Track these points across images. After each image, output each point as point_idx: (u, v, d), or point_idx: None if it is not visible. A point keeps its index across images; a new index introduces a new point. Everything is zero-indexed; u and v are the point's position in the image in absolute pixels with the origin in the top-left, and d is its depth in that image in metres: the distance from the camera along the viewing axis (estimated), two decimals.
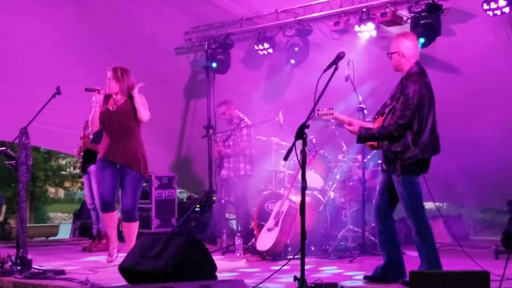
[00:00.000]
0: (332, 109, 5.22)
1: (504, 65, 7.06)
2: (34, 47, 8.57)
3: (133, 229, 6.37)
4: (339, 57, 4.69)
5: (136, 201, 6.36)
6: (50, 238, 11.81)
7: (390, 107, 5.04)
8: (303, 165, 4.31)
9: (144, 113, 6.28)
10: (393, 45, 5.10)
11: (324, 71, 4.58)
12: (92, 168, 7.53)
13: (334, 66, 4.67)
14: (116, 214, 6.53)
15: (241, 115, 8.31)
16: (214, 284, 2.78)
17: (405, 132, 4.84)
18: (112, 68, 6.40)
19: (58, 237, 12.05)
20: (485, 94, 7.60)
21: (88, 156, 7.68)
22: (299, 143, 4.40)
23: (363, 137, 5.05)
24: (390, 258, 5.12)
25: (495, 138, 7.48)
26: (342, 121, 5.25)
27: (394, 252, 5.16)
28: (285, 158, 4.51)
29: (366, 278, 5.19)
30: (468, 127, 8.03)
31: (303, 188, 4.28)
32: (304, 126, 4.35)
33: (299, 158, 4.34)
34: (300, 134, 4.34)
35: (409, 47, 5.01)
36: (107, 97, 6.41)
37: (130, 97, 6.31)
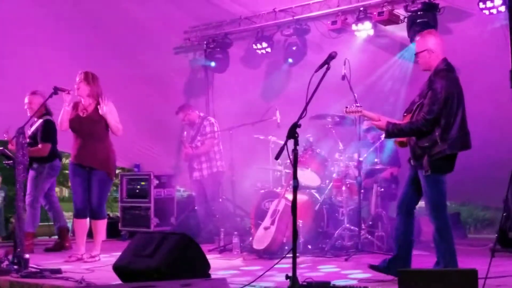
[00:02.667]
0: (360, 106, 5.29)
1: (500, 64, 7.06)
2: (31, 45, 8.57)
3: (100, 226, 6.70)
4: (331, 56, 4.70)
5: (102, 199, 6.65)
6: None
7: (418, 104, 5.07)
8: (294, 164, 4.33)
9: (116, 129, 6.58)
10: (419, 44, 5.18)
11: (316, 70, 4.59)
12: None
13: (326, 66, 4.68)
14: (86, 222, 6.74)
15: (202, 115, 8.59)
16: (196, 283, 2.80)
17: (433, 127, 4.87)
18: (83, 71, 6.61)
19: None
20: (481, 93, 7.60)
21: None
22: (291, 142, 4.40)
23: (391, 131, 5.06)
24: (400, 253, 5.14)
25: (487, 137, 7.48)
26: (371, 118, 5.27)
27: (406, 249, 5.17)
28: (277, 158, 4.51)
29: (371, 266, 5.26)
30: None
31: (295, 187, 4.29)
32: (295, 126, 4.36)
33: (291, 158, 4.35)
34: (292, 133, 4.35)
35: (437, 43, 5.12)
36: (76, 103, 6.65)
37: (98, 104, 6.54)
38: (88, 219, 6.71)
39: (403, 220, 5.21)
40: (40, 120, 7.32)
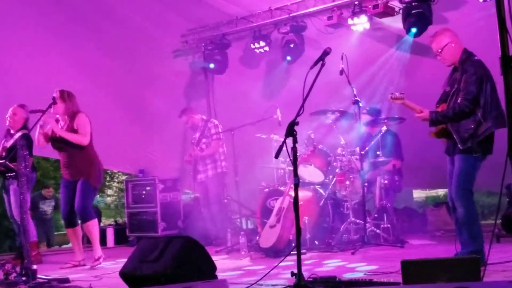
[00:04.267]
0: (403, 93, 5.44)
1: (496, 51, 7.05)
2: (28, 49, 8.59)
3: (90, 227, 6.95)
4: (326, 53, 4.71)
5: (86, 202, 6.89)
6: (63, 246, 11.93)
7: (452, 91, 5.18)
8: (294, 162, 4.35)
9: (78, 143, 6.82)
10: (439, 41, 5.29)
11: (311, 67, 4.59)
12: (9, 183, 7.48)
13: (321, 62, 4.69)
14: (77, 229, 7.07)
15: (204, 117, 8.64)
16: (196, 285, 2.82)
17: (474, 109, 4.99)
18: (59, 90, 6.87)
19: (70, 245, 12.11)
20: None
21: (3, 172, 7.43)
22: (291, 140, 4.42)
23: (435, 120, 5.19)
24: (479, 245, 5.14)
25: None
26: (412, 108, 5.39)
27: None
28: (276, 156, 4.53)
29: None
30: None
31: (296, 185, 4.30)
32: (293, 124, 4.37)
33: (290, 156, 4.36)
34: (290, 131, 4.36)
35: (454, 35, 5.29)
36: (58, 120, 6.95)
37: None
38: (78, 226, 7.07)
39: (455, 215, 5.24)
40: (19, 134, 7.25)
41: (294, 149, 4.36)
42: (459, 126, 5.07)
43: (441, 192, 18.39)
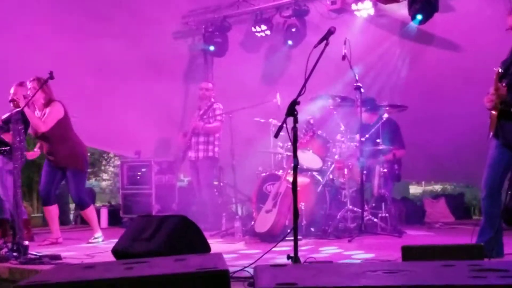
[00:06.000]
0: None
1: (502, 40, 6.94)
2: (29, 28, 8.46)
3: (88, 214, 7.15)
4: (330, 32, 4.59)
5: (80, 191, 7.02)
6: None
7: None
8: (294, 142, 4.23)
9: (36, 127, 6.78)
10: None
11: (315, 46, 4.48)
12: None
13: (325, 42, 4.57)
14: (52, 208, 7.08)
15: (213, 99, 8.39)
16: (190, 258, 2.71)
17: None
18: (35, 78, 6.76)
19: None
20: (485, 69, 7.51)
21: None
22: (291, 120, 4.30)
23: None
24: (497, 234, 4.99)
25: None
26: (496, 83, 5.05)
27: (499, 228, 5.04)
28: (276, 136, 4.42)
29: None
30: (469, 102, 7.90)
31: (295, 166, 4.19)
32: (294, 103, 4.25)
33: (290, 136, 4.25)
34: (291, 111, 4.24)
35: None
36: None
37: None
38: (54, 205, 7.07)
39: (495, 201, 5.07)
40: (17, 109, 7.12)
41: (295, 129, 4.24)
42: None
43: (437, 187, 18.34)
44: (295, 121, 4.25)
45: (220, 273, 2.16)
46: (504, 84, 4.96)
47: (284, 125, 4.32)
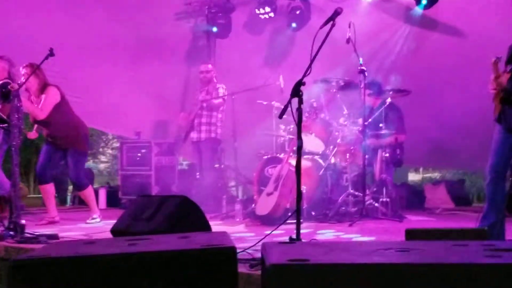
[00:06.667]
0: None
1: (506, 26, 6.89)
2: (32, 11, 8.39)
3: (87, 195, 7.15)
4: (337, 12, 4.52)
5: (79, 171, 7.03)
6: None
7: None
8: (298, 123, 4.16)
9: (35, 115, 6.78)
10: None
11: (321, 27, 4.41)
12: None
13: (331, 22, 4.50)
14: (49, 187, 7.06)
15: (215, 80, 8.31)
16: (194, 235, 2.67)
17: None
18: (29, 64, 6.70)
19: None
20: (488, 55, 7.46)
21: None
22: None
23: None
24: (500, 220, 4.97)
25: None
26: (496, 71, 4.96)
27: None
28: (280, 116, 4.37)
29: None
30: (472, 89, 7.85)
31: (299, 147, 4.14)
32: (300, 83, 4.18)
33: (294, 117, 4.18)
34: (296, 91, 4.18)
35: None
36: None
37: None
38: (50, 184, 7.06)
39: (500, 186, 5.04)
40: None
41: (299, 110, 4.18)
42: None
43: (436, 174, 18.33)
44: (300, 102, 4.19)
45: (227, 250, 2.11)
46: (508, 70, 4.95)
47: (289, 107, 4.26)
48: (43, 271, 2.01)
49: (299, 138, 4.19)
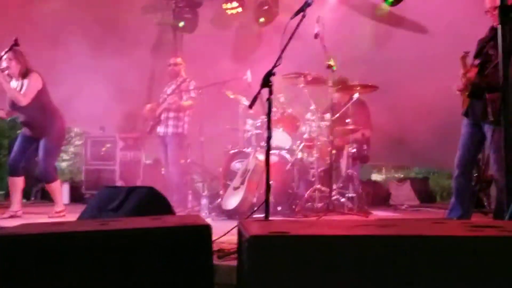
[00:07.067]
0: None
1: (470, 24, 6.98)
2: None
3: (53, 188, 6.98)
4: (307, 3, 4.51)
5: (47, 164, 6.85)
6: None
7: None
8: (268, 113, 4.15)
9: (17, 101, 6.60)
10: None
11: (291, 18, 4.40)
12: None
13: (301, 14, 4.48)
14: (19, 180, 6.88)
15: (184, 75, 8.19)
16: (167, 217, 2.62)
17: None
18: (12, 50, 6.58)
19: None
20: (452, 53, 7.56)
21: None
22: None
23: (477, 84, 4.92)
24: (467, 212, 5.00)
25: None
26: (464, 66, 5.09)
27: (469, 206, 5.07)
28: (250, 106, 4.35)
29: None
30: (435, 86, 7.93)
31: (268, 138, 4.12)
32: (270, 74, 4.17)
33: (265, 107, 4.16)
34: (266, 82, 4.16)
35: None
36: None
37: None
38: (20, 177, 6.87)
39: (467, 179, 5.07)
40: None
41: (269, 100, 4.17)
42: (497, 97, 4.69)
43: (398, 175, 18.47)
44: (270, 92, 4.17)
45: (201, 227, 2.07)
46: (476, 63, 5.03)
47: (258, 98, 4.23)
48: (16, 248, 1.94)
49: (269, 128, 4.17)
